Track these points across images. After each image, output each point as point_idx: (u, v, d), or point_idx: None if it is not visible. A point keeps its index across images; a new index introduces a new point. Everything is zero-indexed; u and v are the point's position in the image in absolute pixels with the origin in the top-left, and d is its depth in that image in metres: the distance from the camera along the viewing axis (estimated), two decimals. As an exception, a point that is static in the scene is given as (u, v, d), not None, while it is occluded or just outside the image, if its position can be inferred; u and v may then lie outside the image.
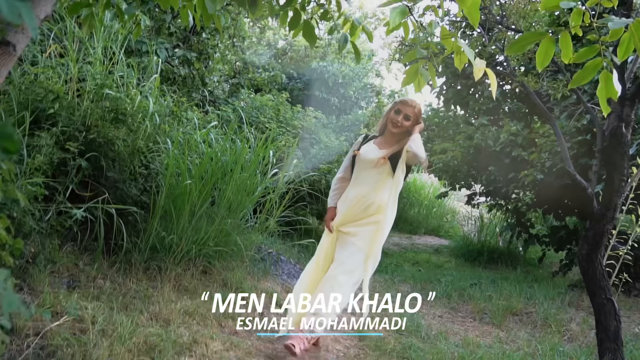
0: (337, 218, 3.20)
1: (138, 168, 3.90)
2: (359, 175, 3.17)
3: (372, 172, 3.11)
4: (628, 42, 1.69)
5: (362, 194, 3.11)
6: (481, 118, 6.28)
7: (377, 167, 3.08)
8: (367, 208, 3.10)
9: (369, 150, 3.19)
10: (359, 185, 3.15)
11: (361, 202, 3.11)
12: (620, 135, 2.71)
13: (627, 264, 3.44)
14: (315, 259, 3.25)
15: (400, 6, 2.21)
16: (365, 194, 3.10)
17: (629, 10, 2.70)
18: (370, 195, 3.09)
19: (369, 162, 3.12)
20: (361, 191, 3.12)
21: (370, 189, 3.10)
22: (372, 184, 3.11)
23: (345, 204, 3.18)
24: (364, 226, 3.11)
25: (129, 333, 2.25)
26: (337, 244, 3.19)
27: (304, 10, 2.92)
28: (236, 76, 8.07)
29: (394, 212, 3.18)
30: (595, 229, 2.84)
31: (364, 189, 3.12)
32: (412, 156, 3.03)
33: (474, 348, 3.56)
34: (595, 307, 2.96)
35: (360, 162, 3.17)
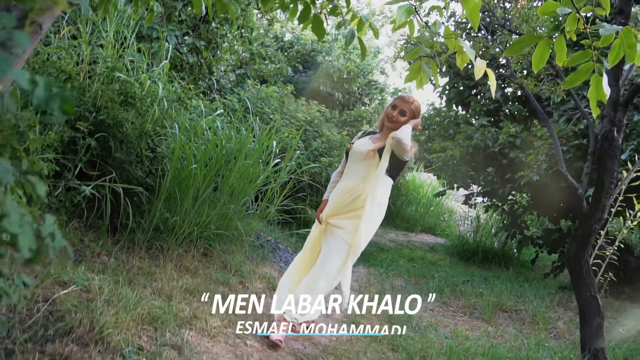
0: (326, 209, 3.21)
1: (145, 151, 4.00)
2: (349, 167, 3.19)
3: (361, 165, 3.11)
4: (618, 48, 1.79)
5: (350, 186, 3.11)
6: (482, 119, 6.39)
7: (366, 159, 3.09)
8: (354, 200, 3.09)
9: (362, 143, 3.19)
10: (348, 177, 3.17)
11: (349, 194, 3.10)
12: (612, 139, 2.82)
13: (613, 263, 3.55)
14: (303, 250, 3.30)
15: (407, 5, 2.31)
16: (354, 186, 3.09)
17: (626, 19, 2.80)
18: (358, 188, 3.08)
19: (359, 154, 3.13)
20: (349, 183, 3.13)
21: (358, 181, 3.09)
22: (360, 176, 3.10)
23: (334, 195, 3.20)
24: (352, 219, 3.09)
25: (133, 304, 2.36)
26: (325, 235, 3.18)
27: (314, 4, 3.02)
28: (242, 67, 8.16)
29: (382, 204, 3.16)
30: (584, 229, 2.95)
31: (352, 181, 3.12)
32: (396, 143, 2.96)
33: (462, 340, 3.68)
34: (580, 303, 3.07)
35: (352, 155, 3.18)
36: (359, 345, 3.23)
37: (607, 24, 1.80)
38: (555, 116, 5.19)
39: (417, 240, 9.85)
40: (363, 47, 2.99)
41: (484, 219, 8.61)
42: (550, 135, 3.33)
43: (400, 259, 7.30)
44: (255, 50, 8.31)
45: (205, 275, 3.41)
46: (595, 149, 2.99)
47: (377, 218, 3.19)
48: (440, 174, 7.91)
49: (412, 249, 8.44)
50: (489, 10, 3.41)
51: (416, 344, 3.40)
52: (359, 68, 10.99)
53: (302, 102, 7.47)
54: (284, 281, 3.18)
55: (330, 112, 8.86)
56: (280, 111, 6.57)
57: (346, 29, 3.01)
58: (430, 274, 5.98)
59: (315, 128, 6.94)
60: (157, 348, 2.15)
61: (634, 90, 2.77)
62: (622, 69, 2.84)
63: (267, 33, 10.68)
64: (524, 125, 6.05)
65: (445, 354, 3.21)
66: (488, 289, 5.25)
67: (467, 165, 6.74)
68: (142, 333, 2.22)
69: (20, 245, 0.72)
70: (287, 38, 11.88)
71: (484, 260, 7.40)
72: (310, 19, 2.94)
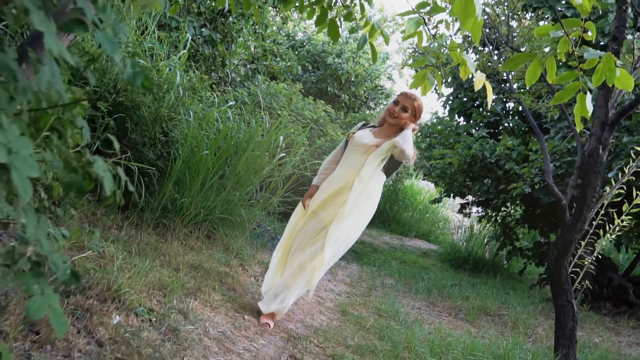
0: (318, 196, 3.16)
1: (158, 134, 4.21)
2: (348, 157, 3.18)
3: (361, 157, 3.10)
4: (601, 72, 2.01)
5: (346, 174, 3.10)
6: (481, 130, 6.61)
7: (367, 153, 3.08)
8: (347, 188, 3.07)
9: (363, 135, 3.19)
10: (344, 165, 3.16)
11: (343, 182, 3.09)
12: (597, 156, 3.03)
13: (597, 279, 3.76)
14: (284, 235, 3.30)
15: (417, 17, 2.53)
16: (350, 174, 3.08)
17: (619, 46, 3.02)
18: (353, 175, 3.07)
19: (360, 146, 3.12)
20: (345, 171, 3.12)
21: (355, 172, 3.08)
22: (357, 167, 3.09)
23: (327, 185, 3.17)
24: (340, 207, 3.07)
25: (145, 271, 2.58)
26: (312, 223, 3.13)
27: (330, 9, 3.23)
28: (254, 61, 8.38)
29: (374, 198, 3.18)
30: (565, 237, 3.17)
31: (348, 170, 3.11)
32: (399, 152, 3.03)
33: (444, 336, 3.89)
34: (557, 307, 3.29)
35: (352, 145, 3.17)
36: (348, 332, 3.43)
37: (592, 49, 2.01)
38: (551, 133, 5.41)
39: (410, 244, 10.05)
40: (374, 51, 3.20)
41: (478, 228, 8.83)
42: (541, 148, 3.54)
43: (392, 260, 7.50)
44: (267, 46, 8.52)
45: (208, 254, 3.62)
46: (581, 164, 3.20)
47: (369, 212, 3.21)
48: (438, 181, 8.12)
49: (404, 252, 8.63)
50: (494, 27, 3.63)
51: (401, 335, 3.60)
52: (367, 72, 11.21)
53: (309, 101, 7.68)
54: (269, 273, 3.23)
55: (336, 113, 9.07)
56: (288, 108, 6.78)
57: (358, 34, 3.22)
58: (421, 276, 6.18)
59: (321, 127, 7.15)
60: (166, 311, 2.36)
61: (620, 113, 2.99)
62: (611, 92, 3.06)
63: (280, 31, 10.90)
64: (521, 139, 6.27)
65: (427, 345, 3.42)
66: (474, 293, 5.46)
67: (464, 175, 6.96)
68: (152, 297, 2.44)
69: (105, 187, 0.93)
70: (299, 37, 12.10)
71: (474, 268, 7.60)
72: (326, 23, 3.15)
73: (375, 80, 11.64)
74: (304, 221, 3.18)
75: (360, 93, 11.36)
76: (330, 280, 5.04)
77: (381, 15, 20.12)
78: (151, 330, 2.14)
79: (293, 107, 7.10)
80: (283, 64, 9.05)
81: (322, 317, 3.70)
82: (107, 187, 0.95)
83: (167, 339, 2.14)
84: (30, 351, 1.59)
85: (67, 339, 1.74)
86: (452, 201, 11.62)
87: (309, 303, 3.87)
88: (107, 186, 0.95)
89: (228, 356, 2.32)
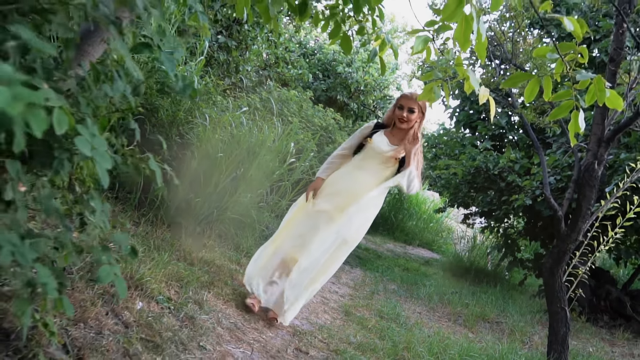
0: (328, 193, 3.20)
1: (175, 136, 4.41)
2: (365, 162, 3.22)
3: (378, 166, 3.18)
4: (593, 92, 2.18)
5: (362, 180, 3.15)
6: (486, 142, 6.78)
7: (385, 163, 3.18)
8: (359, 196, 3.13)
9: (380, 140, 3.21)
10: (361, 170, 3.20)
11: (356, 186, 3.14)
12: (592, 171, 3.20)
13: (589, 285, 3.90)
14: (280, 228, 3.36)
15: (425, 35, 2.71)
16: (365, 181, 3.15)
17: (616, 67, 3.19)
18: (370, 182, 3.15)
19: (380, 154, 3.18)
20: (360, 176, 3.17)
21: (370, 180, 3.16)
22: (374, 174, 3.18)
23: (341, 183, 3.20)
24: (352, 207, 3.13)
25: (163, 264, 2.76)
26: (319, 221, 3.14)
27: (344, 23, 3.42)
28: (266, 68, 8.59)
29: (379, 207, 3.28)
30: (560, 247, 3.33)
31: (364, 176, 3.17)
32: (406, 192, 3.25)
33: (443, 338, 4.04)
34: (550, 314, 3.45)
35: (371, 150, 3.21)
36: (350, 330, 3.60)
37: (584, 71, 2.19)
38: (554, 147, 5.58)
39: (413, 253, 10.19)
40: (383, 64, 3.38)
41: (480, 239, 8.97)
42: (540, 161, 3.71)
43: (395, 267, 7.65)
44: (280, 54, 8.73)
45: (220, 252, 3.80)
46: (577, 178, 3.37)
47: (372, 218, 3.30)
48: (442, 191, 8.28)
49: (407, 260, 8.78)
50: (499, 45, 3.81)
51: (401, 336, 3.77)
52: (376, 82, 11.41)
53: (319, 109, 7.87)
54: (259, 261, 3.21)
55: (344, 121, 9.26)
56: (298, 115, 6.97)
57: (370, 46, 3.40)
58: (422, 283, 6.33)
59: (330, 134, 7.33)
60: (183, 300, 2.54)
61: (615, 130, 3.15)
62: (608, 110, 3.23)
63: (292, 38, 11.12)
64: (525, 152, 6.44)
65: (426, 345, 3.58)
66: (474, 301, 5.61)
67: (468, 185, 7.12)
68: (171, 287, 2.62)
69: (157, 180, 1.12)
70: (311, 45, 12.31)
71: (475, 278, 7.72)
72: (340, 36, 3.34)
73: (384, 90, 11.83)
74: (307, 215, 3.20)
75: (369, 102, 11.55)
76: (334, 283, 5.21)
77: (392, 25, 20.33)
78: (170, 316, 2.32)
79: (303, 114, 7.29)
80: (294, 71, 9.26)
81: (326, 316, 3.87)
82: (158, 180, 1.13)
83: (185, 325, 2.32)
84: (67, 327, 1.77)
85: (97, 318, 1.92)
86: (456, 212, 11.77)
87: (314, 302, 4.04)
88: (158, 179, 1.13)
89: (239, 345, 2.50)
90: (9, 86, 0.54)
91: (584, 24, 2.00)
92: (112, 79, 0.94)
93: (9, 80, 0.55)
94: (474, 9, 1.89)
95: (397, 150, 3.18)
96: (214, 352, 2.26)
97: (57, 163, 0.96)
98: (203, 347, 2.24)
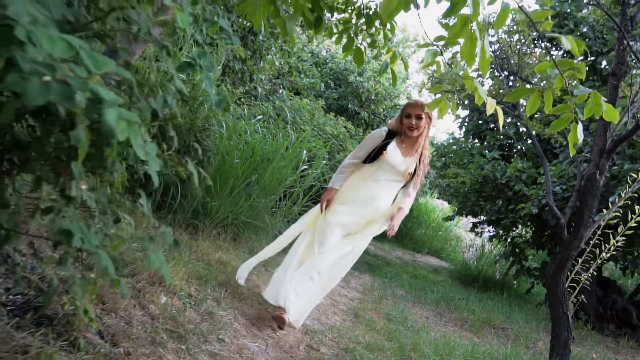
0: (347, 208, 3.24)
1: (192, 143, 4.59)
2: (380, 175, 3.25)
3: (393, 182, 3.28)
4: (590, 105, 2.33)
5: (381, 195, 3.25)
6: (494, 152, 6.92)
7: (400, 176, 3.26)
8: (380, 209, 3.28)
9: (394, 154, 3.23)
10: (377, 183, 3.24)
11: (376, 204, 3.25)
12: (594, 180, 3.32)
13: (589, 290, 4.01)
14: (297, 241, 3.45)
15: (434, 49, 2.87)
16: (383, 196, 3.26)
17: (617, 81, 3.32)
18: (387, 199, 3.29)
19: (396, 169, 3.23)
20: (377, 191, 3.24)
21: (388, 193, 3.28)
22: (389, 187, 3.28)
23: (357, 194, 3.24)
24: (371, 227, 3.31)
25: (184, 262, 2.92)
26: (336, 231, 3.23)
27: (357, 36, 3.58)
28: (279, 77, 8.78)
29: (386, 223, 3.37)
30: (562, 254, 3.45)
31: (382, 191, 3.26)
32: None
33: (448, 341, 4.17)
34: (553, 318, 3.56)
35: (386, 164, 3.22)
36: (359, 331, 3.74)
37: (582, 86, 2.33)
38: (560, 157, 5.70)
39: (422, 260, 10.30)
40: (394, 76, 3.54)
41: (489, 248, 9.08)
42: (544, 171, 3.84)
43: (403, 274, 7.77)
44: (293, 63, 8.92)
45: (235, 254, 3.97)
46: (579, 187, 3.50)
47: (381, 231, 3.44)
48: (451, 199, 8.41)
49: (416, 267, 8.90)
50: (505, 58, 3.95)
51: (409, 338, 3.90)
52: (387, 91, 11.57)
53: (330, 117, 8.04)
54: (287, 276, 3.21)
55: (355, 129, 9.42)
56: (310, 123, 7.15)
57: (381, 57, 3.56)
58: (430, 289, 6.45)
59: (340, 142, 7.50)
60: (202, 297, 2.70)
61: (616, 142, 3.28)
62: (609, 123, 3.36)
63: (304, 48, 11.33)
64: (532, 162, 6.56)
65: (432, 347, 3.70)
66: (480, 307, 5.72)
67: (477, 194, 7.24)
68: (191, 285, 2.78)
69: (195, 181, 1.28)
70: (323, 54, 12.51)
71: (483, 286, 7.82)
72: (353, 49, 3.50)
73: (394, 99, 11.98)
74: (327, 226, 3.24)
75: (379, 111, 11.70)
76: (344, 287, 5.34)
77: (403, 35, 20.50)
78: (191, 311, 2.48)
79: (315, 122, 7.47)
80: (307, 80, 9.45)
81: (336, 317, 4.01)
82: (196, 181, 1.29)
83: (204, 320, 2.48)
84: (100, 316, 1.93)
85: (127, 309, 2.09)
86: (465, 220, 11.86)
87: (325, 304, 4.18)
88: (195, 181, 1.29)
89: (255, 340, 2.65)
90: (114, 108, 0.70)
91: (581, 43, 2.15)
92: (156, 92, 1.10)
93: (114, 103, 0.71)
94: (479, 27, 2.05)
95: (410, 164, 3.26)
96: (231, 345, 2.41)
97: (112, 165, 1.13)
98: (222, 339, 2.40)
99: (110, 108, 0.70)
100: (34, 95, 0.60)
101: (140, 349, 1.85)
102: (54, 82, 0.61)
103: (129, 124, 0.73)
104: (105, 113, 0.69)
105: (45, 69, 0.61)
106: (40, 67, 0.61)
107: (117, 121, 0.70)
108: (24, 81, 0.59)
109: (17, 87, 0.59)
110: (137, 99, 1.13)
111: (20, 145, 1.14)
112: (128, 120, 0.73)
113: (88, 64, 0.66)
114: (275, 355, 2.63)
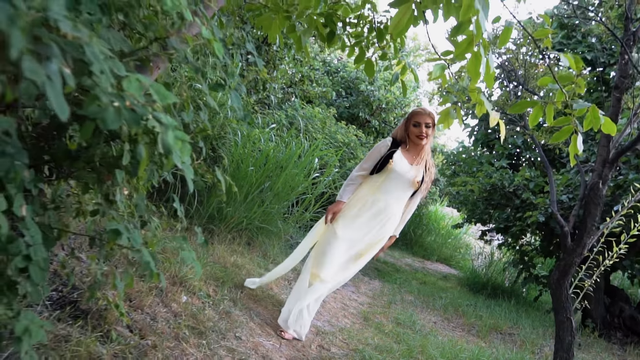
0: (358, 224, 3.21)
1: (208, 150, 4.76)
2: (390, 185, 3.21)
3: (403, 192, 3.25)
4: (589, 118, 2.45)
5: (391, 206, 3.23)
6: (502, 161, 7.03)
7: (409, 185, 3.22)
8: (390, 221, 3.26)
9: (401, 162, 3.20)
10: (387, 194, 3.21)
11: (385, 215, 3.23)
12: (597, 190, 3.44)
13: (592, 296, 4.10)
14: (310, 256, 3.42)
15: (442, 63, 3.01)
16: (393, 208, 3.23)
17: (620, 94, 3.44)
18: (396, 209, 3.25)
19: (404, 177, 3.20)
20: (388, 201, 3.21)
21: (398, 203, 3.25)
22: (399, 198, 3.24)
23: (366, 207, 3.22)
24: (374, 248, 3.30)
25: (203, 264, 3.08)
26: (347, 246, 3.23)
27: (368, 49, 3.73)
28: (292, 86, 8.96)
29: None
30: (566, 260, 3.57)
31: (392, 202, 3.22)
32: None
33: (455, 345, 4.28)
34: (557, 323, 3.67)
35: (394, 173, 3.19)
36: (368, 333, 3.87)
37: (581, 100, 2.46)
38: (567, 167, 5.80)
39: (431, 267, 10.38)
40: (404, 87, 3.67)
41: (498, 256, 9.15)
42: (549, 180, 3.96)
43: (413, 280, 7.87)
44: (305, 72, 9.10)
45: (249, 258, 4.12)
46: (583, 196, 3.61)
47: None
48: (460, 207, 8.51)
49: (425, 274, 8.99)
50: (512, 70, 4.08)
51: (416, 341, 4.02)
52: (397, 100, 11.71)
53: (341, 125, 8.19)
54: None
55: (366, 137, 9.57)
56: (322, 131, 7.30)
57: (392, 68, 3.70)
58: (439, 295, 6.56)
59: (351, 150, 7.64)
60: (220, 297, 2.85)
61: (619, 152, 3.40)
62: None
63: (316, 57, 11.51)
64: (540, 171, 6.66)
65: (439, 350, 3.82)
66: (488, 313, 5.82)
67: (486, 202, 7.34)
68: (209, 286, 2.93)
69: (222, 187, 1.43)
70: (334, 64, 12.69)
71: (492, 293, 7.90)
72: (364, 61, 3.65)
73: (405, 108, 12.12)
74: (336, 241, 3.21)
75: (390, 119, 11.85)
76: (354, 292, 5.47)
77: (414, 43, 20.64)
78: (210, 310, 2.63)
79: (327, 130, 7.62)
80: (319, 89, 9.62)
81: (346, 320, 4.14)
82: (223, 187, 1.44)
83: (222, 318, 2.63)
84: (128, 312, 2.09)
85: (151, 306, 2.24)
86: (474, 228, 11.93)
87: (335, 307, 4.32)
88: (223, 186, 1.44)
89: (269, 338, 2.80)
90: (172, 130, 0.85)
91: (579, 60, 2.28)
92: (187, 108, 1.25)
93: (171, 126, 0.85)
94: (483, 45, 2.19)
95: (417, 171, 3.25)
96: (247, 342, 2.56)
97: (150, 173, 1.28)
98: (239, 337, 2.54)
99: (169, 130, 0.84)
100: (110, 121, 0.74)
101: (165, 342, 2.00)
102: (124, 109, 0.75)
103: (183, 143, 0.88)
104: (167, 135, 0.83)
105: (116, 98, 0.76)
106: (112, 97, 0.76)
107: (175, 141, 0.85)
108: (103, 110, 0.74)
109: (97, 115, 0.74)
110: (172, 115, 1.28)
111: (69, 155, 1.30)
112: (182, 139, 0.88)
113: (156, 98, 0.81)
114: (288, 353, 2.77)
